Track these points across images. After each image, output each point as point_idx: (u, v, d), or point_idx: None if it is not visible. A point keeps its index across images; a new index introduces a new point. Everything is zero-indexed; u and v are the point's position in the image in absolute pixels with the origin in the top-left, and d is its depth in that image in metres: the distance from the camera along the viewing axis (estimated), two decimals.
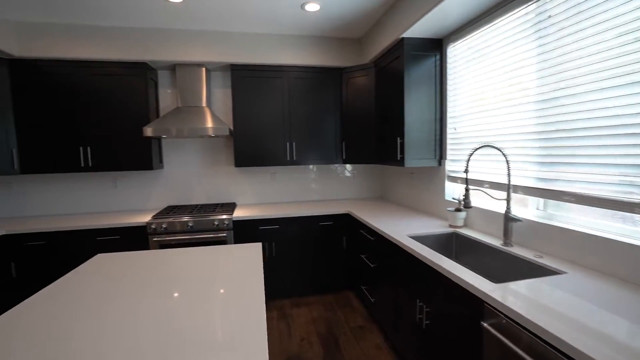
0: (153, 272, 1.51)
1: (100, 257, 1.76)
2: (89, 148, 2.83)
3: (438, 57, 2.49)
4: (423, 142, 2.52)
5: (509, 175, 1.73)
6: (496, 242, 1.83)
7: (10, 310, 1.16)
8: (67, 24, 2.73)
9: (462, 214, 2.17)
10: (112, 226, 2.65)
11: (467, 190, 1.84)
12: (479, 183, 2.12)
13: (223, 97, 3.35)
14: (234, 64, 3.04)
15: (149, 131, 2.71)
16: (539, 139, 1.67)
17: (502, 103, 1.90)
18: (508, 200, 1.75)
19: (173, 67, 3.12)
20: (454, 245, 2.15)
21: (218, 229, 2.80)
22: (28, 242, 2.56)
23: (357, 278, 2.97)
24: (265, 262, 2.95)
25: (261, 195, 3.52)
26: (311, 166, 3.61)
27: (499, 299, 1.16)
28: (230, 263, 1.60)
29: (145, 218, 2.79)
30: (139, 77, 2.88)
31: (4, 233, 2.50)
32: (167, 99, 3.24)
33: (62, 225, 2.60)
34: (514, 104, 1.81)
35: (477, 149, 1.82)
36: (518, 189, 1.81)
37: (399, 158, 2.56)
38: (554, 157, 1.59)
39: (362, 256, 2.72)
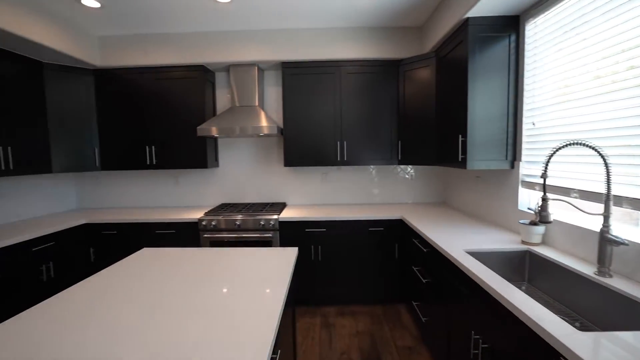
0: (172, 271, 1.50)
1: (144, 251, 1.84)
2: (153, 147, 3.07)
3: (513, 37, 2.07)
4: (491, 140, 2.12)
5: (608, 182, 1.31)
6: (587, 270, 1.41)
7: (47, 300, 1.23)
8: (136, 35, 2.99)
9: (540, 229, 1.75)
10: (168, 221, 2.82)
11: (544, 200, 1.45)
12: (564, 191, 1.67)
13: (276, 96, 3.34)
14: (284, 62, 2.99)
15: (213, 130, 2.80)
16: None
17: (601, 89, 1.46)
18: (606, 215, 1.33)
19: (228, 68, 3.21)
20: (527, 266, 1.74)
21: (264, 229, 2.78)
22: (103, 231, 2.88)
23: (409, 292, 2.67)
24: (310, 266, 2.84)
25: (312, 196, 3.43)
26: (368, 167, 3.39)
27: (585, 357, 0.83)
28: (253, 268, 1.51)
29: (199, 215, 2.91)
30: (197, 79, 3.02)
31: (85, 222, 2.85)
32: (223, 99, 3.35)
33: (128, 218, 2.85)
34: (620, 87, 1.37)
35: (559, 148, 1.42)
36: (622, 200, 1.36)
37: (460, 159, 2.21)
38: None
39: (415, 268, 2.43)
